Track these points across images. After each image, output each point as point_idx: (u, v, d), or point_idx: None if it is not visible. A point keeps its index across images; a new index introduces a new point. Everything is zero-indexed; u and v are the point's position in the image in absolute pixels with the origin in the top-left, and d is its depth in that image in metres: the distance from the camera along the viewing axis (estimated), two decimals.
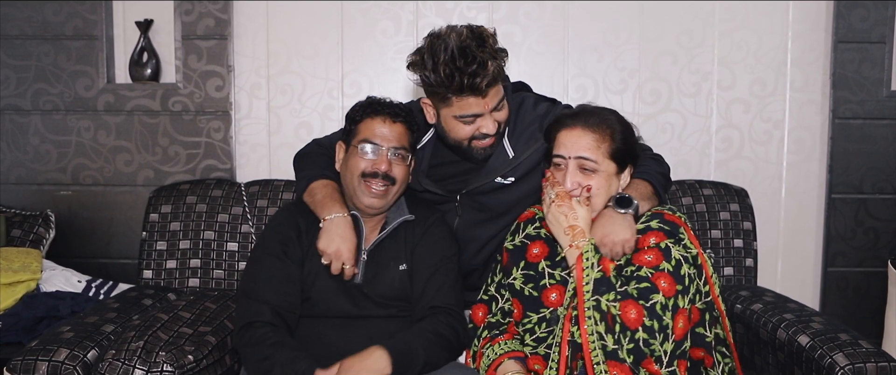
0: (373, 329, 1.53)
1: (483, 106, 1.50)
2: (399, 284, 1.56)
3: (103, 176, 2.25)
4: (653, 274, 1.36)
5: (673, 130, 2.26)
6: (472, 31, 1.48)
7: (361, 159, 1.52)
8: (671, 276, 1.35)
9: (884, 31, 2.18)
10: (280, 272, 1.53)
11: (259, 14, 2.24)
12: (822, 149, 2.26)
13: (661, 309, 1.33)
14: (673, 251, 1.37)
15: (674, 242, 1.38)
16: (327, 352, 1.50)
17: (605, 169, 1.43)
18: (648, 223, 1.42)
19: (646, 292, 1.34)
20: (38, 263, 2.00)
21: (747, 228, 2.00)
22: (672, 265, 1.36)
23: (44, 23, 2.22)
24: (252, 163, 2.28)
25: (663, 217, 1.43)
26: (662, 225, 1.41)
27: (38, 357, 1.44)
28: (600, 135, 1.42)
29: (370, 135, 1.53)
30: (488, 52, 1.46)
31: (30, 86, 2.24)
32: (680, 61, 2.24)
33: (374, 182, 1.51)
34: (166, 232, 1.97)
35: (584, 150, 1.41)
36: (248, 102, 2.27)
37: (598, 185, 1.42)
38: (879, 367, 1.47)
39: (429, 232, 1.59)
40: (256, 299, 1.50)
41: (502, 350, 1.46)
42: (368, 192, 1.52)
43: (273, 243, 1.56)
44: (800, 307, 1.76)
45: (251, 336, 1.46)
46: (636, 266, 1.38)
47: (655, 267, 1.36)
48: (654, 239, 1.39)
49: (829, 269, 2.26)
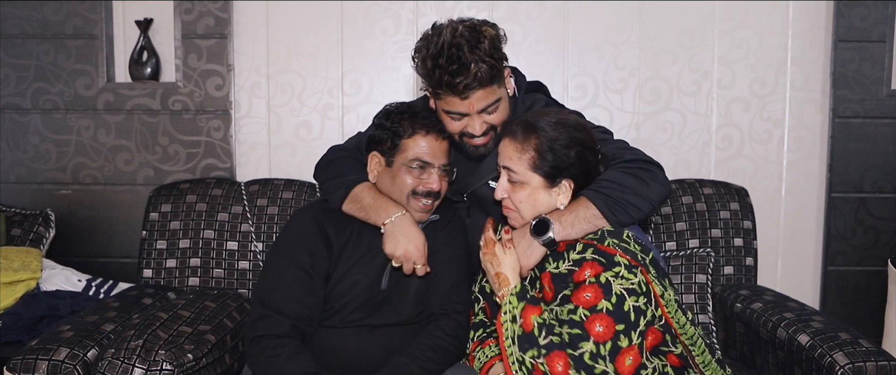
0: (389, 339, 1.52)
1: (467, 107, 1.47)
2: (423, 287, 1.55)
3: (103, 175, 2.25)
4: (588, 318, 1.27)
5: (673, 129, 2.26)
6: (470, 30, 1.43)
7: (414, 178, 1.49)
8: (610, 316, 1.26)
9: (884, 29, 2.18)
10: (304, 285, 1.49)
11: (259, 13, 2.24)
12: (822, 147, 2.26)
13: (592, 358, 1.25)
14: (614, 285, 1.28)
15: (614, 275, 1.28)
16: (340, 363, 1.50)
17: (530, 182, 1.36)
18: (583, 254, 1.33)
19: (575, 340, 1.26)
20: (38, 262, 2.00)
21: (747, 227, 2.00)
22: (613, 302, 1.27)
23: (43, 22, 2.22)
24: (252, 162, 2.28)
25: (596, 248, 1.33)
26: (597, 257, 1.31)
27: (38, 356, 1.44)
28: (522, 146, 1.35)
29: (422, 154, 1.49)
30: (479, 54, 1.41)
31: (30, 86, 2.24)
32: (680, 60, 2.24)
33: (425, 199, 1.50)
34: (166, 231, 1.97)
35: (506, 160, 1.37)
36: (248, 101, 2.27)
37: (521, 199, 1.36)
38: (879, 366, 1.47)
39: (445, 230, 1.59)
40: (276, 311, 1.47)
41: (493, 353, 1.46)
42: (419, 208, 1.51)
43: (301, 254, 1.50)
44: (800, 306, 1.76)
45: (265, 347, 1.44)
46: (573, 306, 1.29)
47: (592, 308, 1.27)
48: (590, 272, 1.30)
49: (829, 268, 2.26)
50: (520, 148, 1.36)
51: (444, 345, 1.47)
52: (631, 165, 1.42)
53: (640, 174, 1.40)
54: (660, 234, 1.98)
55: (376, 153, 1.54)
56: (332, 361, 1.50)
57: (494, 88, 1.48)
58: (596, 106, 2.25)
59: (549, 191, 1.37)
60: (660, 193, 1.41)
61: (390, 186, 1.52)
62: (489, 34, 1.45)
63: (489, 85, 1.45)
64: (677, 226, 1.99)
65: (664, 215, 2.00)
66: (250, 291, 1.94)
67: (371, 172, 1.56)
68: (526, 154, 1.35)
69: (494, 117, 1.51)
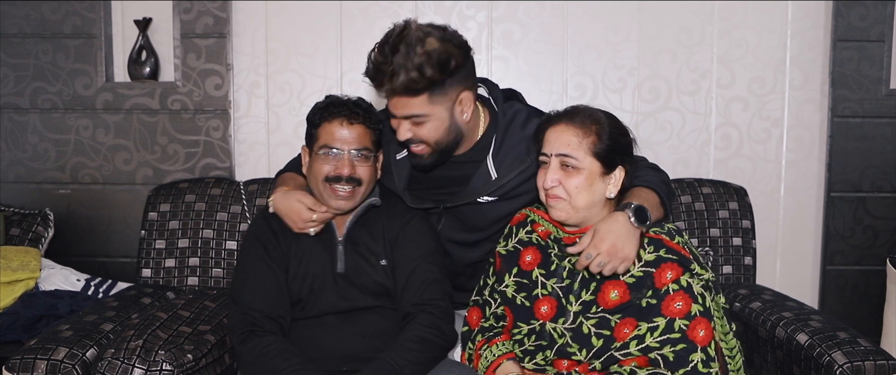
0: (364, 326, 1.53)
1: (392, 106, 1.46)
2: (381, 279, 1.55)
3: (102, 174, 2.25)
4: (688, 327, 1.29)
5: (672, 129, 2.26)
6: (419, 37, 1.38)
7: (324, 164, 1.50)
8: (704, 318, 1.29)
9: (883, 29, 2.18)
10: (268, 277, 1.53)
11: (258, 12, 2.24)
12: (821, 147, 2.27)
13: (705, 365, 1.27)
14: (694, 286, 1.30)
15: (691, 276, 1.31)
16: (321, 354, 1.50)
17: (588, 167, 1.34)
18: (658, 253, 1.32)
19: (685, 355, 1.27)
20: (36, 262, 2.00)
21: (746, 226, 2.00)
22: (701, 303, 1.30)
23: (42, 21, 2.21)
24: (251, 162, 2.28)
25: (665, 245, 1.34)
26: (671, 256, 1.32)
27: (36, 356, 1.44)
28: (583, 131, 1.35)
29: (329, 140, 1.50)
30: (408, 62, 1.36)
31: (28, 85, 2.23)
32: (679, 59, 2.24)
33: (338, 186, 1.51)
34: (165, 230, 1.97)
35: (564, 147, 1.35)
36: (246, 101, 2.27)
37: (576, 185, 1.34)
38: (878, 365, 1.48)
39: (409, 226, 1.58)
40: (249, 307, 1.49)
41: (501, 352, 1.44)
42: (335, 195, 1.51)
43: (256, 248, 1.55)
44: (798, 305, 1.76)
45: (254, 346, 1.45)
46: (667, 319, 1.29)
47: (688, 316, 1.29)
48: (672, 274, 1.31)
49: (828, 267, 2.26)
50: (580, 133, 1.35)
51: (426, 335, 1.47)
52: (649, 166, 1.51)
53: (660, 171, 1.50)
54: None
55: (305, 146, 1.59)
56: (314, 354, 1.50)
57: (418, 102, 1.42)
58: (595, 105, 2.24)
59: (604, 179, 1.36)
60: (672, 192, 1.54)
61: (311, 178, 1.56)
62: (430, 47, 1.38)
63: (406, 95, 1.41)
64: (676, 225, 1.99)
65: None
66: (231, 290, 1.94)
67: (304, 166, 1.60)
68: (587, 138, 1.34)
69: (422, 131, 1.47)
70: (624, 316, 1.33)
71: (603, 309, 1.35)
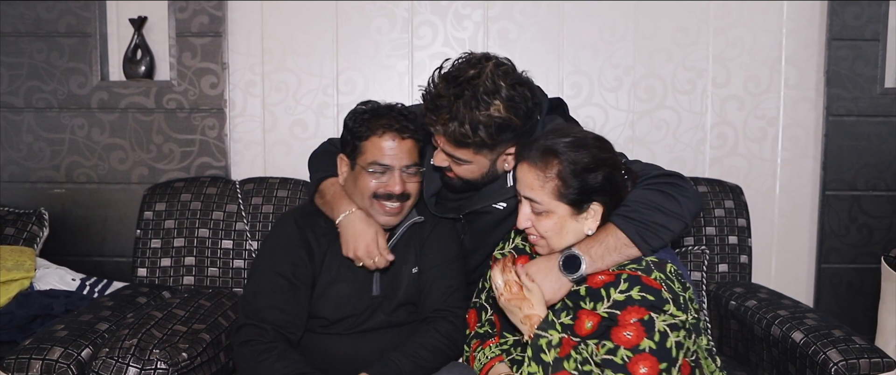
0: (383, 342, 1.52)
1: (435, 139, 1.42)
2: (412, 288, 1.54)
3: (97, 173, 2.24)
4: (630, 359, 1.19)
5: (668, 127, 2.27)
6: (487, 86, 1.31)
7: (372, 180, 1.44)
8: (653, 356, 1.19)
9: (877, 28, 2.19)
10: (286, 293, 1.47)
11: (253, 11, 2.23)
12: (816, 146, 2.27)
13: None
14: (657, 323, 1.20)
15: (657, 313, 1.20)
16: (333, 366, 1.50)
17: (556, 210, 1.26)
18: (629, 293, 1.23)
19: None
20: (31, 261, 1.99)
21: (742, 225, 2.01)
22: (656, 340, 1.19)
23: (37, 20, 2.20)
24: (247, 161, 2.28)
25: (642, 282, 1.23)
26: (645, 295, 1.22)
27: (31, 356, 1.43)
28: (545, 174, 1.25)
29: (379, 156, 1.42)
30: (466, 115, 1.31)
31: (23, 84, 2.23)
32: (675, 58, 2.25)
33: (387, 202, 1.45)
34: (161, 229, 1.97)
35: (528, 190, 1.27)
36: (242, 100, 2.26)
37: (547, 228, 1.27)
38: (872, 363, 1.48)
39: (435, 231, 1.57)
40: (259, 319, 1.46)
41: (493, 354, 1.44)
42: (383, 212, 1.46)
43: (282, 263, 1.48)
44: (794, 303, 1.77)
45: (252, 352, 1.43)
46: (613, 345, 1.21)
47: (635, 349, 1.19)
48: (636, 317, 1.21)
49: (823, 266, 2.27)
50: (541, 176, 1.26)
51: (439, 345, 1.47)
52: (657, 181, 1.32)
53: (668, 190, 1.30)
54: None
55: (343, 155, 1.51)
56: (326, 363, 1.50)
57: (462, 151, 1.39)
58: (591, 104, 2.26)
59: (577, 218, 1.28)
60: (691, 209, 1.30)
61: (353, 190, 1.49)
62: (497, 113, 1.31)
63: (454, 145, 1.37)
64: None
65: None
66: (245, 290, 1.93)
67: (340, 175, 1.53)
68: (549, 182, 1.25)
69: (459, 169, 1.45)
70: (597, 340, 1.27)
71: (579, 337, 1.30)
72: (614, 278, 1.26)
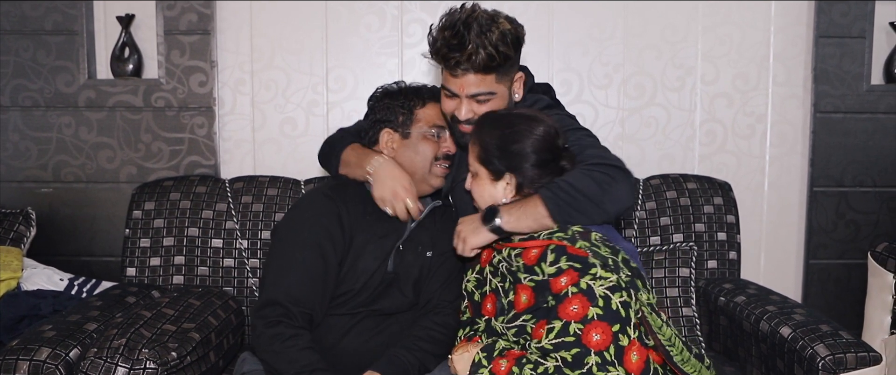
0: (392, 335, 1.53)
1: (459, 87, 1.48)
2: (427, 271, 1.57)
3: (85, 173, 2.23)
4: (582, 331, 1.26)
5: (657, 124, 2.28)
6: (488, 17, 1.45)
7: (434, 144, 1.56)
8: (603, 322, 1.26)
9: (863, 25, 2.21)
10: (319, 271, 1.47)
11: (242, 9, 2.22)
12: (804, 142, 2.29)
13: (600, 369, 1.24)
14: (596, 288, 1.27)
15: (592, 278, 1.28)
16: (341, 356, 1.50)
17: (479, 172, 1.43)
18: (557, 265, 1.31)
19: (579, 358, 1.25)
20: (18, 261, 1.98)
21: (731, 221, 2.02)
22: (601, 306, 1.26)
23: (22, 18, 2.18)
24: (236, 160, 2.27)
25: (567, 252, 1.32)
26: (572, 264, 1.30)
27: (18, 357, 1.42)
28: (476, 139, 1.44)
29: (438, 119, 1.56)
30: (483, 40, 1.41)
31: (8, 82, 2.20)
32: (664, 56, 2.26)
33: (444, 163, 1.57)
34: (150, 229, 1.96)
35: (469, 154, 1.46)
36: (231, 98, 2.25)
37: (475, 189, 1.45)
38: (859, 357, 1.50)
39: (445, 216, 1.63)
40: (289, 299, 1.44)
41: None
42: (440, 173, 1.57)
43: (317, 236, 1.48)
44: (782, 299, 1.78)
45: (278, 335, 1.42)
46: (562, 322, 1.27)
47: (584, 319, 1.26)
48: (567, 280, 1.29)
49: (811, 261, 2.29)
50: (474, 140, 1.44)
51: (437, 336, 1.50)
52: (595, 168, 1.38)
53: (602, 180, 1.36)
54: (644, 229, 2.00)
55: (388, 130, 1.57)
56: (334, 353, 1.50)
57: (490, 80, 1.47)
58: (581, 101, 2.26)
59: (495, 185, 1.42)
60: (619, 203, 1.38)
61: (413, 157, 1.55)
62: (504, 27, 1.45)
63: (483, 72, 1.45)
64: (661, 221, 2.00)
65: (648, 210, 2.01)
66: (235, 289, 1.93)
67: (386, 149, 1.58)
68: (476, 146, 1.43)
69: (483, 109, 1.51)
70: (537, 318, 1.33)
71: (515, 312, 1.37)
72: (542, 251, 1.35)
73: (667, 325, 1.37)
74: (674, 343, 1.36)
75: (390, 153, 1.57)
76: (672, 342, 1.36)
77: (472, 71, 1.45)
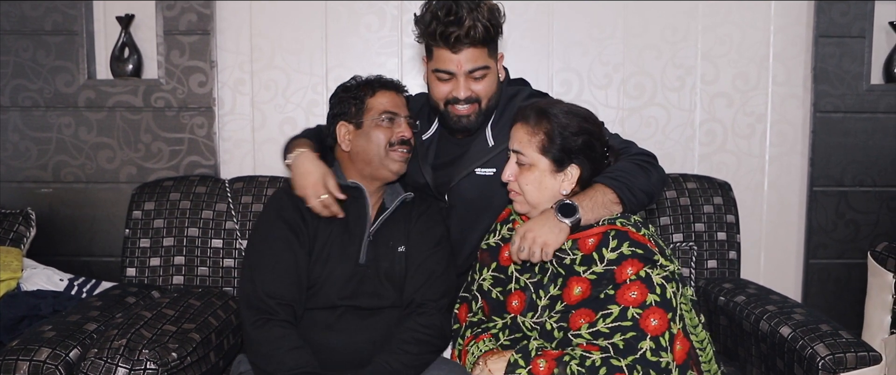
0: (374, 331, 1.53)
1: (456, 64, 1.53)
2: (398, 267, 1.57)
3: (85, 173, 2.23)
4: (641, 316, 1.29)
5: (657, 124, 2.28)
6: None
7: (386, 130, 1.55)
8: (660, 308, 1.29)
9: (863, 25, 2.21)
10: (290, 262, 1.51)
11: (242, 9, 2.22)
12: (804, 142, 2.29)
13: (654, 354, 1.27)
14: (654, 277, 1.31)
15: (651, 266, 1.32)
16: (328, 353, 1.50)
17: (538, 164, 1.40)
18: (620, 250, 1.33)
19: (633, 342, 1.27)
20: (18, 262, 1.97)
21: (730, 221, 2.02)
22: (658, 294, 1.30)
23: (22, 18, 2.18)
24: (236, 160, 2.26)
25: (629, 237, 1.34)
26: (635, 249, 1.33)
27: (18, 357, 1.42)
28: (533, 129, 1.40)
29: (388, 106, 1.56)
30: (476, 14, 1.48)
31: (8, 82, 2.20)
32: (664, 56, 2.26)
33: (401, 147, 1.56)
34: (150, 229, 1.96)
35: (517, 143, 1.43)
36: (231, 98, 2.25)
37: (528, 181, 1.41)
38: (859, 357, 1.50)
39: (426, 214, 1.62)
40: (268, 293, 1.47)
41: (487, 348, 1.46)
42: (398, 158, 1.56)
43: (280, 229, 1.53)
44: (782, 298, 1.78)
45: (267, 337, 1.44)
46: (620, 307, 1.30)
47: (642, 305, 1.29)
48: (632, 269, 1.32)
49: (811, 261, 2.29)
50: (531, 131, 1.40)
51: (422, 337, 1.49)
52: (638, 157, 1.49)
53: (646, 166, 1.47)
54: None
55: (343, 122, 1.58)
56: (321, 352, 1.50)
57: (485, 53, 1.54)
58: (580, 101, 2.25)
59: (555, 176, 1.41)
60: (659, 187, 1.50)
61: (367, 146, 1.55)
62: (490, 4, 1.53)
63: (481, 45, 1.52)
64: (661, 221, 2.00)
65: (648, 210, 2.01)
66: (236, 289, 1.93)
67: (343, 142, 1.59)
68: (536, 136, 1.40)
69: (481, 87, 1.56)
70: (580, 308, 1.35)
71: (566, 304, 1.37)
72: (602, 237, 1.36)
73: (702, 328, 1.39)
74: (704, 348, 1.38)
75: (347, 145, 1.58)
76: (703, 346, 1.37)
77: (470, 45, 1.50)
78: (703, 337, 1.39)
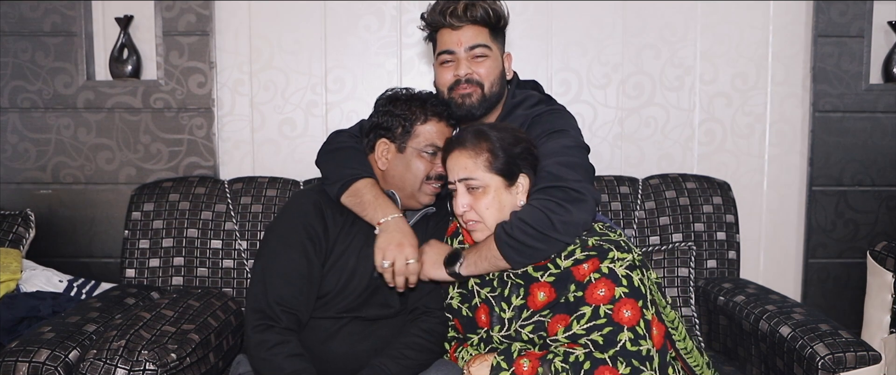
0: (379, 339, 1.52)
1: (457, 42, 1.55)
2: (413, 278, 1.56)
3: (84, 174, 2.23)
4: (613, 311, 1.29)
5: (656, 124, 2.28)
6: None
7: (428, 163, 1.53)
8: (630, 298, 1.30)
9: (862, 25, 2.21)
10: (304, 272, 1.47)
11: (241, 10, 2.22)
12: (803, 142, 2.29)
13: (634, 343, 1.28)
14: (617, 269, 1.32)
15: (611, 261, 1.33)
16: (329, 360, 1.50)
17: (490, 184, 1.38)
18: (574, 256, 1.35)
19: (611, 337, 1.28)
20: (17, 263, 1.97)
21: (730, 221, 2.02)
22: (625, 284, 1.31)
23: (21, 19, 2.18)
24: (235, 160, 2.26)
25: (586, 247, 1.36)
26: (588, 253, 1.34)
27: (18, 358, 1.42)
28: (476, 151, 1.38)
29: (436, 139, 1.53)
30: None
31: (7, 84, 2.20)
32: (663, 55, 2.26)
33: (436, 183, 1.54)
34: (149, 230, 1.96)
35: (462, 171, 1.39)
36: (230, 99, 2.25)
37: (486, 205, 1.38)
38: (858, 356, 1.50)
39: (440, 224, 1.61)
40: (276, 300, 1.45)
41: (468, 356, 1.48)
42: (431, 192, 1.55)
43: (300, 238, 1.48)
44: (781, 298, 1.78)
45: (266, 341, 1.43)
46: (591, 307, 1.31)
47: (612, 300, 1.30)
48: (589, 266, 1.33)
49: (810, 261, 2.29)
50: (473, 153, 1.39)
51: (423, 343, 1.49)
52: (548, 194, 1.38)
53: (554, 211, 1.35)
54: (643, 229, 2.00)
55: (385, 140, 1.55)
56: (322, 358, 1.50)
57: (485, 33, 1.57)
58: (580, 101, 2.26)
59: (510, 191, 1.40)
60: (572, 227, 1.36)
61: (404, 172, 1.53)
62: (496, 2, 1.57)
63: (481, 25, 1.55)
64: (661, 221, 2.00)
65: (648, 209, 2.01)
66: (235, 290, 1.93)
67: (379, 159, 1.56)
68: (480, 156, 1.38)
69: (483, 70, 1.57)
70: (554, 313, 1.35)
71: (533, 311, 1.37)
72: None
73: (671, 307, 1.40)
74: (676, 327, 1.38)
75: (384, 164, 1.55)
76: (675, 325, 1.38)
77: (470, 22, 1.54)
78: (672, 317, 1.40)
